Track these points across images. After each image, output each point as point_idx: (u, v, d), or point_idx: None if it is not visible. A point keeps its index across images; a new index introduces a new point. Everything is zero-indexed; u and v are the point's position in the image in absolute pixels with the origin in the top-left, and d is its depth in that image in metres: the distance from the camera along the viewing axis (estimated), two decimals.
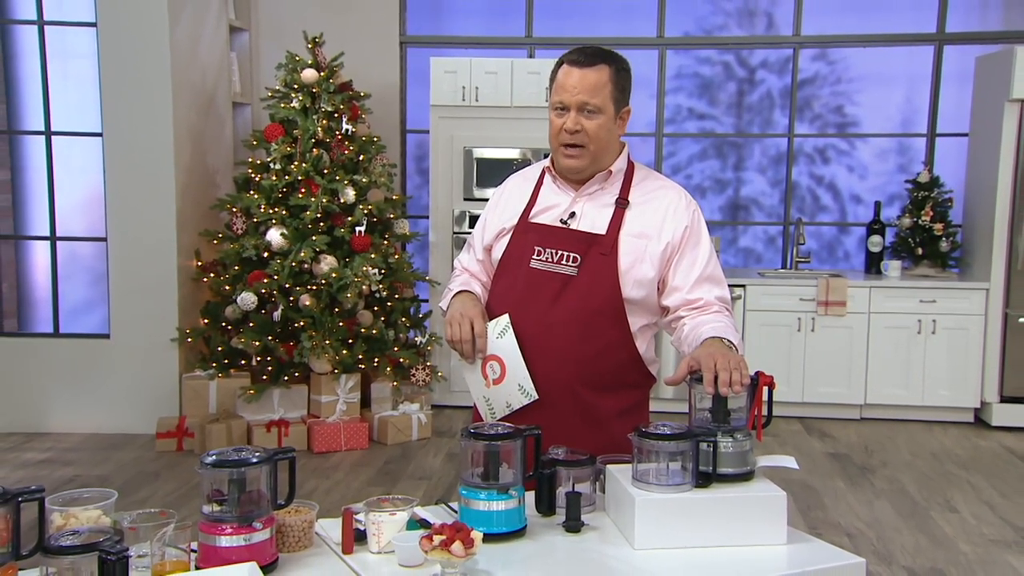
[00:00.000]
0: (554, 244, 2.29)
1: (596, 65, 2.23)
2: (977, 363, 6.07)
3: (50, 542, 1.56)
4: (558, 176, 2.36)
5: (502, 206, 2.43)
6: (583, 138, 2.24)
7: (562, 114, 2.26)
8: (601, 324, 2.27)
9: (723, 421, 2.05)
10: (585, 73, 2.23)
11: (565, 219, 2.31)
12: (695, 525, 1.91)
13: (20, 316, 6.09)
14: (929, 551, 4.06)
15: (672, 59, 6.87)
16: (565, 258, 2.27)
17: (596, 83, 2.22)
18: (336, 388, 5.59)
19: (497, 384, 2.30)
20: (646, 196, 2.33)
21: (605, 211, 2.30)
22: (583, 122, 2.23)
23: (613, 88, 2.25)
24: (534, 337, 2.27)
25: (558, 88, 2.26)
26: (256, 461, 1.76)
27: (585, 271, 2.26)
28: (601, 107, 2.23)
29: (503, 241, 2.38)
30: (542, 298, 2.26)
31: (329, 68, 5.75)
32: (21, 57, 5.96)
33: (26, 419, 5.80)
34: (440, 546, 1.70)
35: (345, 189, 5.57)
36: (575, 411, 2.30)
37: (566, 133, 2.25)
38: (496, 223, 2.41)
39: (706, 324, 2.21)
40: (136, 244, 5.67)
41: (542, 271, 2.29)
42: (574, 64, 2.24)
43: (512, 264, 2.34)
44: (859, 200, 6.89)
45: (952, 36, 6.60)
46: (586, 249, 2.27)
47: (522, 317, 2.28)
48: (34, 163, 5.97)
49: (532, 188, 2.40)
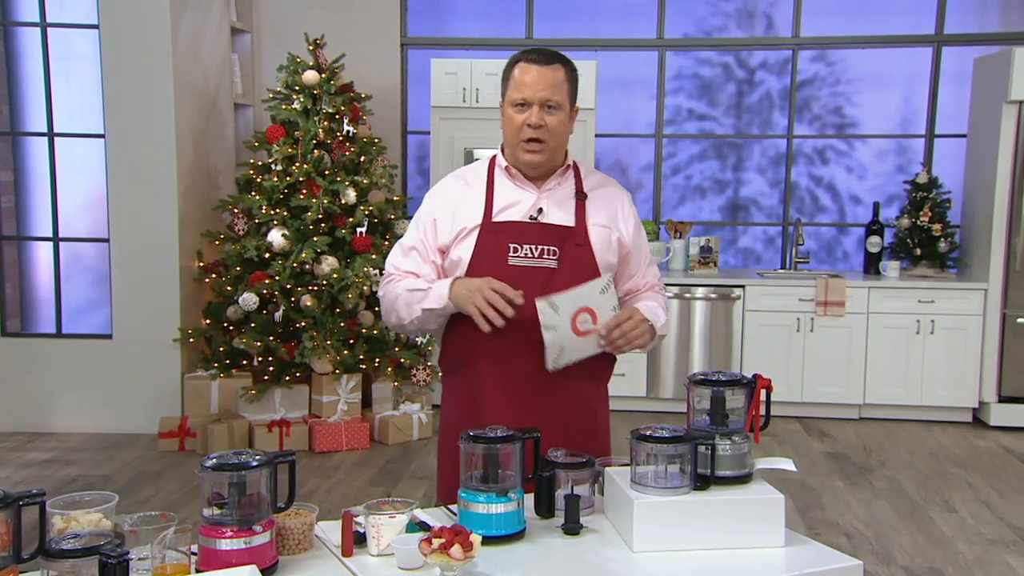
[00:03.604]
0: (531, 240, 2.34)
1: (553, 64, 2.32)
2: (975, 363, 6.09)
3: (51, 545, 1.57)
4: (516, 173, 2.40)
5: (452, 207, 2.39)
6: (545, 133, 2.31)
7: (523, 110, 2.31)
8: None
9: (721, 423, 2.07)
10: (544, 71, 2.30)
11: (534, 215, 2.37)
12: (693, 528, 1.93)
13: (23, 316, 6.11)
14: (927, 551, 4.08)
15: (672, 60, 6.89)
16: (544, 252, 2.33)
17: (555, 81, 2.30)
18: (337, 388, 5.61)
19: (583, 336, 2.30)
20: (595, 189, 2.45)
21: (568, 204, 2.39)
22: (545, 118, 2.30)
23: (568, 87, 2.34)
24: (527, 331, 2.28)
25: (518, 85, 2.31)
26: (256, 464, 1.77)
27: (565, 263, 2.33)
28: (561, 104, 2.32)
29: (466, 242, 2.36)
30: (528, 293, 2.27)
31: (330, 70, 5.77)
32: (24, 59, 5.97)
33: (29, 419, 5.82)
34: (439, 549, 1.71)
35: (346, 190, 5.59)
36: (572, 397, 2.37)
37: (529, 128, 2.31)
38: (451, 225, 2.38)
39: (642, 303, 2.43)
40: (138, 245, 5.68)
41: (523, 267, 2.32)
42: (533, 62, 2.31)
43: (485, 263, 2.33)
44: (858, 201, 6.90)
45: (950, 37, 6.61)
46: (562, 242, 2.34)
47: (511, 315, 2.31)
48: (37, 164, 5.99)
49: (484, 187, 2.41)
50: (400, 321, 2.39)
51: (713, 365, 6.23)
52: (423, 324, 2.38)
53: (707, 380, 2.11)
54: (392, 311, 2.40)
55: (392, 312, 2.40)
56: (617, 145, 7.01)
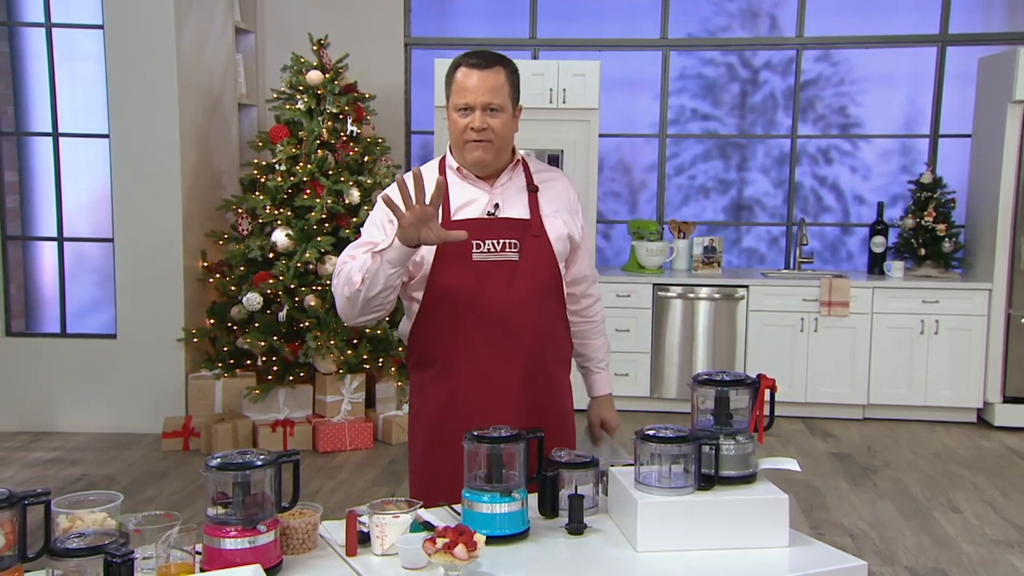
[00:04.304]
0: (491, 235, 2.38)
1: (493, 67, 2.34)
2: (980, 363, 6.08)
3: (56, 544, 1.58)
4: (467, 173, 2.43)
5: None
6: (489, 135, 2.35)
7: (467, 114, 2.35)
8: (550, 300, 2.46)
9: (725, 424, 2.07)
10: (485, 75, 2.33)
11: (491, 211, 2.41)
12: (697, 528, 1.93)
13: (27, 316, 6.12)
14: (931, 551, 4.07)
15: (676, 60, 6.88)
16: (506, 246, 2.39)
17: (496, 84, 2.33)
18: (341, 388, 5.61)
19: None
20: (543, 182, 2.50)
21: (521, 197, 2.45)
22: (488, 120, 2.34)
23: (510, 88, 2.37)
24: (499, 322, 2.37)
25: (460, 90, 2.34)
26: (260, 464, 1.78)
27: (526, 254, 2.40)
28: (503, 106, 2.35)
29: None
30: (496, 286, 2.36)
31: (334, 70, 5.77)
32: (29, 59, 5.98)
33: (34, 418, 5.83)
34: (443, 549, 1.72)
35: (350, 190, 5.59)
36: (540, 380, 2.44)
37: (472, 131, 2.34)
38: None
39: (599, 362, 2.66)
40: (142, 245, 5.69)
41: (487, 262, 2.37)
42: (473, 67, 2.33)
43: (449, 261, 2.35)
44: (862, 201, 6.89)
45: (955, 37, 6.60)
46: (521, 234, 2.40)
47: (481, 307, 2.36)
48: (41, 164, 5.99)
49: None
50: (352, 287, 2.27)
51: (717, 365, 6.23)
52: (373, 282, 2.24)
53: (711, 380, 2.11)
54: (346, 282, 2.29)
55: (346, 283, 2.29)
56: (621, 145, 7.01)
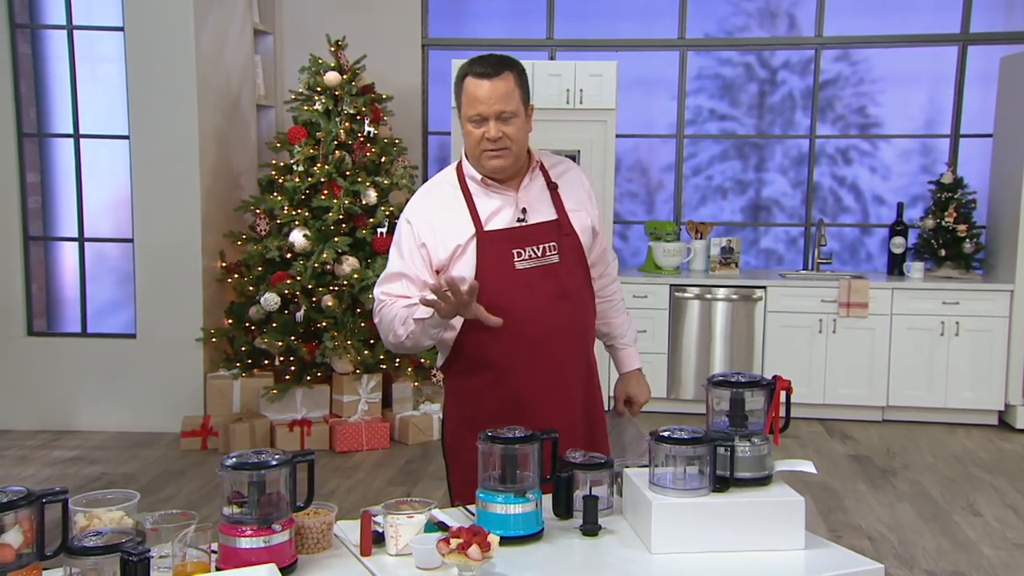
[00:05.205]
0: (529, 243, 2.39)
1: (502, 74, 2.32)
2: (1001, 365, 6.02)
3: (73, 543, 1.60)
4: (489, 181, 2.41)
5: (439, 228, 2.39)
6: (505, 143, 2.34)
7: (480, 124, 2.34)
8: (586, 294, 2.51)
9: (740, 425, 2.06)
10: (495, 84, 2.31)
11: (521, 217, 2.41)
12: (712, 529, 1.92)
13: (49, 316, 6.17)
14: (951, 555, 4.04)
15: (693, 60, 6.86)
16: (545, 250, 2.41)
17: (506, 91, 2.31)
18: (358, 388, 5.63)
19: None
20: (559, 175, 2.52)
21: (544, 197, 2.46)
22: (503, 128, 2.33)
23: (520, 91, 2.36)
24: (552, 324, 2.39)
25: (472, 101, 2.32)
26: (275, 464, 1.79)
27: (564, 255, 2.42)
28: (516, 111, 2.34)
29: (465, 257, 2.37)
30: (545, 291, 2.38)
31: (352, 71, 5.79)
32: (51, 61, 6.03)
33: (55, 417, 5.88)
34: (457, 549, 1.72)
35: (367, 191, 5.61)
36: (587, 374, 2.53)
37: (488, 141, 2.34)
38: (442, 244, 2.37)
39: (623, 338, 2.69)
40: (162, 245, 5.73)
41: (530, 269, 2.38)
42: (482, 76, 2.31)
43: (492, 272, 2.35)
44: (882, 201, 6.84)
45: (976, 36, 6.54)
46: (556, 236, 2.42)
47: (533, 312, 2.36)
48: (63, 165, 6.05)
49: (463, 200, 2.41)
50: (398, 339, 2.37)
51: (734, 366, 6.20)
52: (418, 339, 2.35)
53: (726, 381, 2.10)
54: (390, 330, 2.38)
55: (390, 331, 2.39)
56: (638, 145, 7.00)
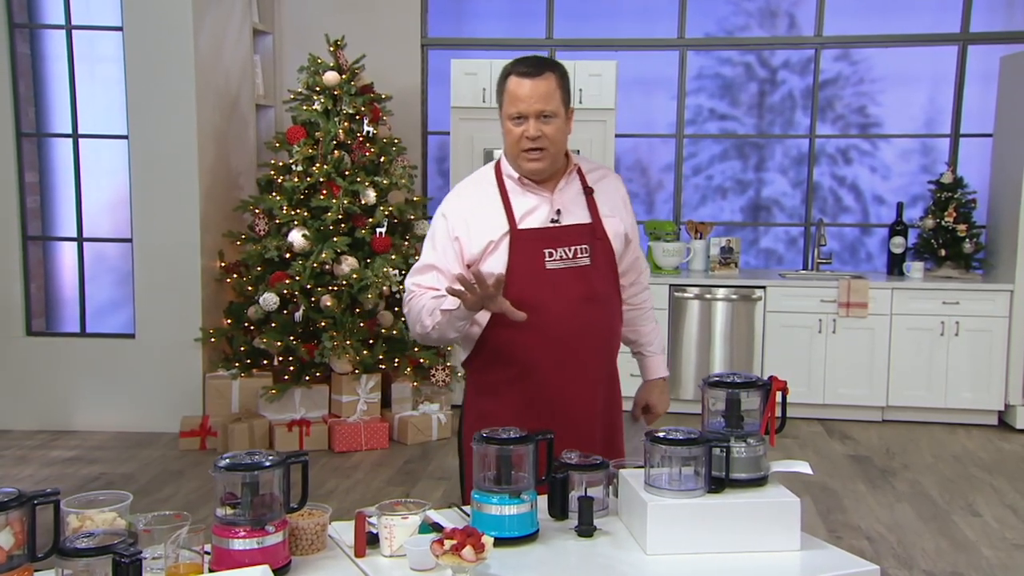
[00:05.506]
0: (561, 243, 2.41)
1: (544, 74, 2.35)
2: (1001, 365, 6.01)
3: (65, 544, 1.59)
4: (527, 181, 2.44)
5: (473, 223, 2.42)
6: (544, 142, 2.36)
7: (520, 123, 2.36)
8: (614, 299, 2.52)
9: (736, 426, 2.06)
10: (536, 83, 2.34)
11: (555, 218, 2.42)
12: (708, 531, 1.92)
13: (48, 316, 6.17)
14: (950, 555, 4.03)
15: (693, 60, 6.85)
16: (577, 252, 2.42)
17: (547, 91, 2.34)
18: (357, 388, 5.63)
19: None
20: (596, 181, 2.53)
21: (579, 200, 2.47)
22: (542, 128, 2.35)
23: (562, 93, 2.38)
24: (578, 325, 2.40)
25: (513, 100, 2.36)
26: (269, 465, 1.78)
27: (595, 258, 2.44)
28: (556, 112, 2.36)
29: (497, 253, 2.39)
30: (573, 293, 2.39)
31: (351, 71, 5.79)
32: (49, 61, 6.03)
33: (53, 417, 5.88)
34: (451, 550, 1.71)
35: (366, 190, 5.61)
36: (609, 378, 2.55)
37: (527, 140, 2.36)
38: (476, 239, 2.40)
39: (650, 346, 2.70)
40: (160, 245, 5.73)
41: (561, 269, 2.39)
42: (524, 76, 2.35)
43: (523, 270, 2.37)
44: (882, 201, 6.84)
45: (976, 36, 6.53)
46: (589, 239, 2.44)
47: (560, 312, 2.38)
48: (61, 165, 6.04)
49: (498, 198, 2.44)
50: (424, 329, 2.41)
51: (734, 366, 6.20)
52: (443, 331, 2.38)
53: (722, 382, 2.09)
54: (417, 321, 2.43)
55: (417, 322, 2.43)
56: (637, 145, 6.99)
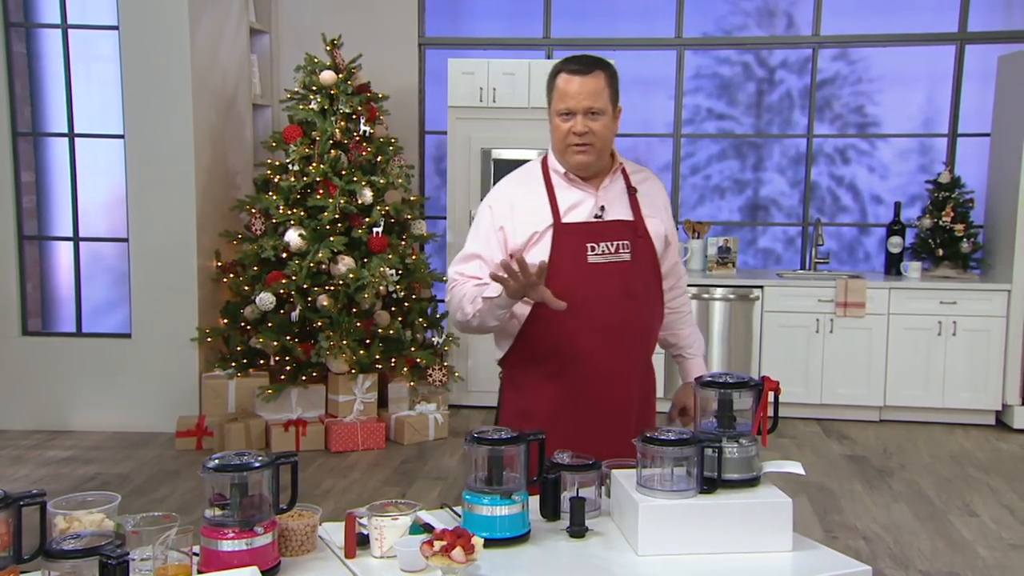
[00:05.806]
0: (604, 238, 2.44)
1: (593, 72, 2.40)
2: (998, 365, 6.01)
3: (52, 546, 1.58)
4: (573, 176, 2.48)
5: (519, 213, 2.46)
6: (591, 138, 2.41)
7: (568, 119, 2.41)
8: (655, 297, 2.55)
9: (728, 426, 2.05)
10: (585, 80, 2.39)
11: (599, 213, 2.46)
12: (700, 531, 1.91)
13: (44, 316, 6.16)
14: (947, 555, 4.03)
15: (691, 59, 6.84)
16: (618, 247, 2.45)
17: (596, 88, 2.39)
18: (353, 388, 5.62)
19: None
20: (640, 182, 2.57)
21: (622, 199, 2.51)
22: (590, 124, 2.40)
23: (610, 91, 2.43)
24: (617, 320, 2.43)
25: (562, 96, 2.41)
26: (258, 466, 1.77)
27: (636, 255, 2.47)
28: (603, 109, 2.41)
29: (541, 245, 2.43)
30: (613, 288, 2.41)
31: (347, 70, 5.78)
32: (45, 60, 6.02)
33: (49, 417, 5.87)
34: (441, 551, 1.71)
35: (363, 190, 5.60)
36: (644, 375, 2.57)
37: (575, 135, 2.40)
38: (520, 229, 2.44)
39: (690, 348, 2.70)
40: (157, 245, 5.72)
41: (602, 264, 2.43)
42: (574, 73, 2.40)
43: (566, 263, 2.40)
44: (879, 201, 6.83)
45: (974, 35, 6.53)
46: (631, 236, 2.47)
47: (600, 306, 2.40)
48: (57, 165, 6.03)
49: (543, 191, 2.48)
50: (465, 317, 2.44)
51: (731, 366, 6.19)
52: (484, 319, 2.41)
53: (714, 382, 2.09)
54: (458, 308, 2.46)
55: (458, 309, 2.46)
56: (636, 145, 6.98)
